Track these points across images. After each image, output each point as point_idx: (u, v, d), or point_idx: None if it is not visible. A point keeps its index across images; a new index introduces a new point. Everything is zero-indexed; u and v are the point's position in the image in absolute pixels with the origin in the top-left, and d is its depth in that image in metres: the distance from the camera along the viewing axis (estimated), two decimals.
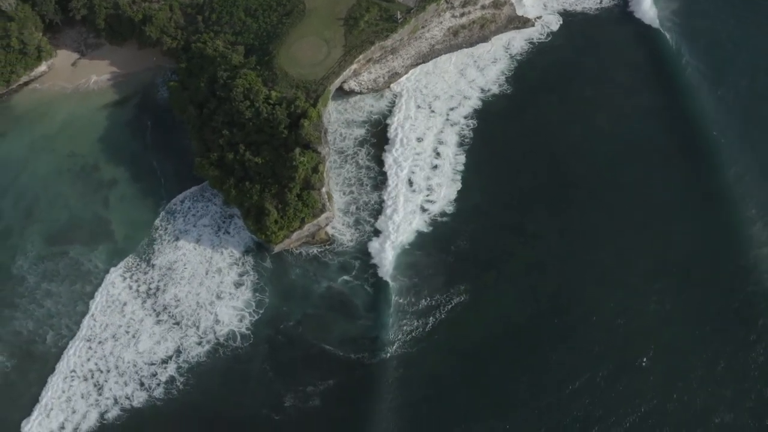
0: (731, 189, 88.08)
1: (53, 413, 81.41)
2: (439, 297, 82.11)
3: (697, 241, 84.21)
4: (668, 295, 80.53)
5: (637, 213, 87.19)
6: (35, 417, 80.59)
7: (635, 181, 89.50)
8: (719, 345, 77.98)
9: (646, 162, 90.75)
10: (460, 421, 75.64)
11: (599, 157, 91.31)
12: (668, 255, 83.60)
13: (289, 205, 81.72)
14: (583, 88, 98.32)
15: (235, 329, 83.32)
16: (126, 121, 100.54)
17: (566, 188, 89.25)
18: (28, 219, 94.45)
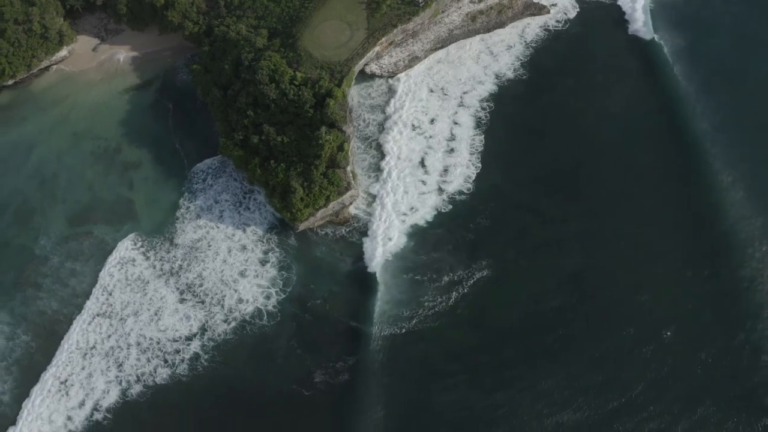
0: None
1: (73, 390, 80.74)
2: (461, 272, 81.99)
3: (716, 217, 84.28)
4: (686, 267, 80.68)
5: (653, 192, 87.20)
6: (52, 394, 79.64)
7: (649, 161, 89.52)
8: (738, 315, 77.94)
9: (660, 143, 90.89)
10: (483, 394, 75.39)
11: (614, 140, 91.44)
12: (685, 232, 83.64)
13: (315, 182, 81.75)
14: (596, 74, 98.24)
15: (262, 307, 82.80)
16: (147, 105, 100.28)
17: (582, 169, 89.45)
18: (50, 200, 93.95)
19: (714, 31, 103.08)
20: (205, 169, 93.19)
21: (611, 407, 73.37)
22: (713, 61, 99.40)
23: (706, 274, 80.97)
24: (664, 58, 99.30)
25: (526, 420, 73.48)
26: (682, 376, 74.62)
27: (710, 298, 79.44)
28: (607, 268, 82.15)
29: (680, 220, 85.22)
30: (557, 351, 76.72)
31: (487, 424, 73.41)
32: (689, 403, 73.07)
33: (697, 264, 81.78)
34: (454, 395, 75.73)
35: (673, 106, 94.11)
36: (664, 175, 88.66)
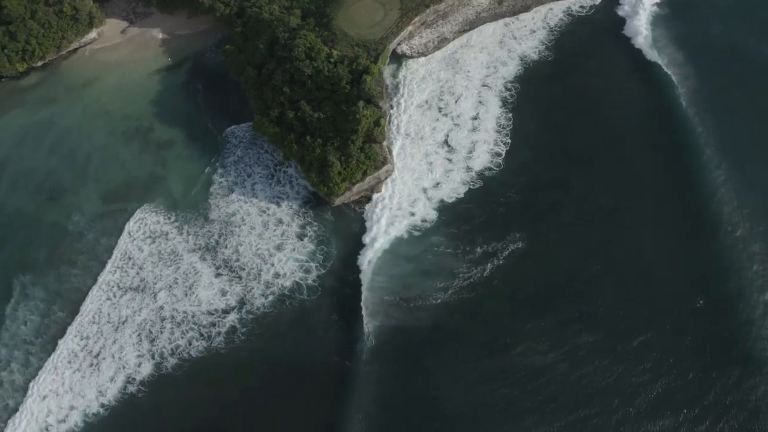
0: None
1: (104, 364, 79.84)
2: (495, 244, 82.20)
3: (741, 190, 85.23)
4: (719, 242, 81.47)
5: (678, 169, 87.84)
6: (84, 368, 79.05)
7: (675, 140, 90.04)
8: (763, 284, 78.77)
9: (686, 121, 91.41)
10: (517, 363, 75.46)
11: (639, 120, 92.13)
12: (712, 206, 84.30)
13: (352, 157, 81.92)
14: (620, 57, 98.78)
15: (301, 281, 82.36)
16: (178, 85, 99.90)
17: (609, 147, 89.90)
18: (83, 179, 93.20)
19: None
20: (239, 134, 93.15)
21: (648, 376, 73.60)
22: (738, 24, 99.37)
23: (732, 243, 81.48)
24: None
25: (564, 386, 73.59)
26: (716, 342, 75.41)
27: (739, 267, 79.92)
28: (637, 240, 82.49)
29: (710, 195, 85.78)
30: (594, 320, 76.91)
31: (527, 391, 73.41)
32: (725, 367, 73.63)
33: (725, 237, 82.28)
34: (492, 363, 75.64)
35: (696, 82, 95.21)
36: (690, 151, 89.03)
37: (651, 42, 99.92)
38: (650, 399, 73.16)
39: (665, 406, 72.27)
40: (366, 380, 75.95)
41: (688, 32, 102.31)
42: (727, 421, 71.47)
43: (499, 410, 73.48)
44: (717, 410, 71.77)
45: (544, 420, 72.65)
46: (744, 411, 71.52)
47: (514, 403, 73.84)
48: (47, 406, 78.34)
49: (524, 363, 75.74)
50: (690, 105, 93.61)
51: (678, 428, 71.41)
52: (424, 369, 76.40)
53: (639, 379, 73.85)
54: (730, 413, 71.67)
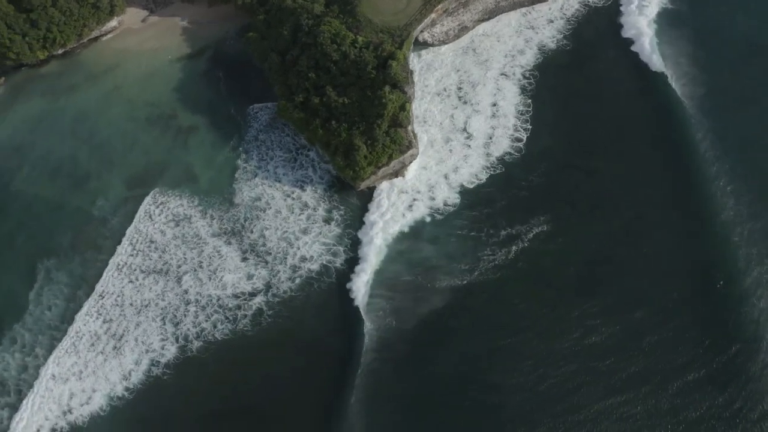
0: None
1: (128, 347, 79.72)
2: (519, 227, 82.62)
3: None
4: (740, 224, 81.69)
5: (698, 150, 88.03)
6: (107, 352, 78.89)
7: (695, 122, 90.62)
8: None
9: (706, 102, 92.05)
10: (540, 342, 75.74)
11: (657, 107, 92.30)
12: (734, 189, 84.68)
13: (378, 140, 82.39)
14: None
15: (329, 264, 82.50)
16: (199, 73, 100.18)
17: (629, 133, 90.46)
18: (106, 165, 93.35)
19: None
20: (260, 118, 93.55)
21: (680, 359, 73.79)
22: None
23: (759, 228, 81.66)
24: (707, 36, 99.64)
25: (590, 369, 73.79)
26: (739, 323, 75.75)
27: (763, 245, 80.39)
28: (656, 222, 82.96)
29: (732, 177, 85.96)
30: (619, 302, 77.18)
31: (553, 372, 73.52)
32: (751, 343, 74.24)
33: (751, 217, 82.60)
34: (516, 345, 75.86)
35: (713, 67, 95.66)
36: (708, 134, 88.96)
37: (669, 33, 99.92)
38: (683, 381, 72.86)
39: (698, 388, 72.15)
40: (388, 361, 75.98)
41: (706, 22, 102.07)
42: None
43: (523, 390, 73.66)
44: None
45: (567, 401, 72.52)
46: None
47: (540, 383, 73.84)
48: (70, 388, 78.11)
49: (549, 344, 75.73)
50: (707, 92, 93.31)
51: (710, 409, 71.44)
52: (453, 348, 76.35)
53: (668, 362, 73.82)
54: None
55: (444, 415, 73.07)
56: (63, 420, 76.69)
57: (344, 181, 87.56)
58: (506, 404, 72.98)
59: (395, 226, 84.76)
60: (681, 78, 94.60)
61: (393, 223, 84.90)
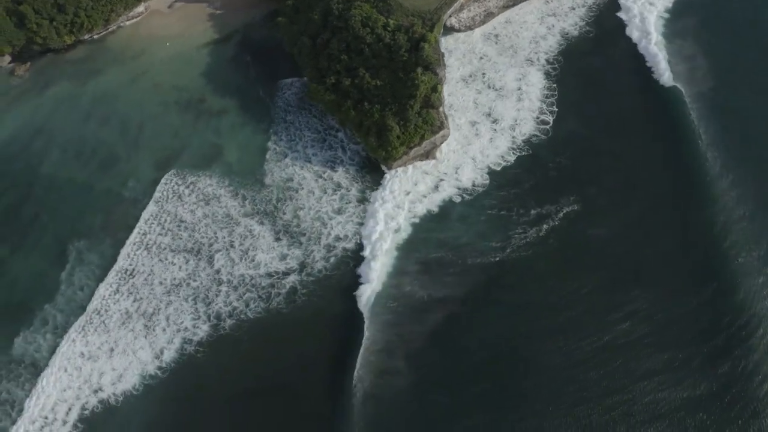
0: None
1: (159, 327, 79.43)
2: (549, 207, 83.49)
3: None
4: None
5: (721, 134, 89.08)
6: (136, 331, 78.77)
7: (718, 105, 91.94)
8: None
9: (728, 85, 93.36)
10: (571, 318, 76.16)
11: (681, 91, 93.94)
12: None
13: (410, 121, 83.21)
14: None
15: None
16: (227, 58, 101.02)
17: (653, 117, 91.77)
18: (135, 147, 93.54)
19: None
20: (288, 98, 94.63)
21: (707, 333, 74.55)
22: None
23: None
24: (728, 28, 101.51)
25: (622, 345, 74.15)
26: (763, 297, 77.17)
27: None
28: (680, 203, 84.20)
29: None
30: (649, 279, 78.12)
31: (589, 350, 73.72)
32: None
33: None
34: (547, 321, 76.35)
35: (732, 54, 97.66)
36: (732, 116, 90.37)
37: (690, 21, 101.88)
38: (713, 356, 73.17)
39: (744, 365, 71.95)
40: (420, 336, 76.05)
41: (728, 11, 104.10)
42: None
43: (558, 368, 73.91)
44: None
45: (603, 381, 72.50)
46: None
47: (570, 358, 74.14)
48: (100, 367, 77.54)
49: (581, 321, 76.18)
50: (727, 75, 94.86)
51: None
52: (481, 326, 76.64)
53: (705, 340, 74.30)
54: None
55: (477, 388, 72.80)
56: (94, 398, 76.03)
57: (375, 162, 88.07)
58: (540, 380, 72.95)
59: (422, 207, 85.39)
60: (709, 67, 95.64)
61: (420, 203, 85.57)
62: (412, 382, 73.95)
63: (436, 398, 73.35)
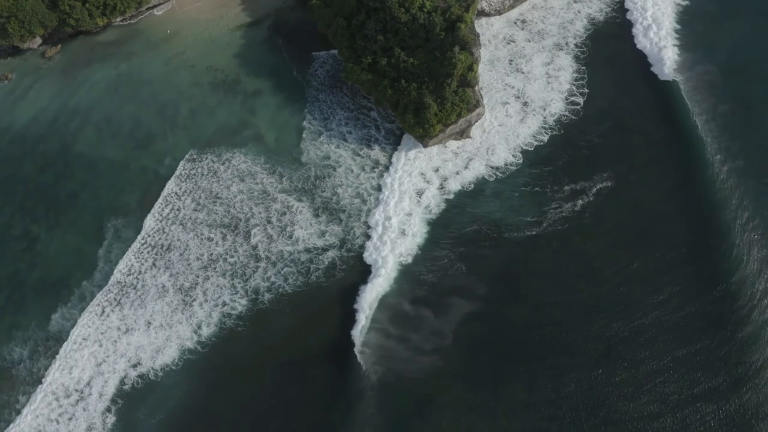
0: None
1: (197, 302, 79.79)
2: (583, 183, 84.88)
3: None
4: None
5: (745, 115, 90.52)
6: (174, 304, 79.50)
7: (741, 87, 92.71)
8: None
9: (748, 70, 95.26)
10: (609, 296, 77.12)
11: (707, 76, 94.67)
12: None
13: (447, 99, 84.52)
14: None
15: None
16: (260, 41, 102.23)
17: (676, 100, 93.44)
18: (171, 127, 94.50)
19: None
20: (321, 76, 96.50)
21: (743, 309, 75.11)
22: None
23: None
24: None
25: (662, 317, 75.09)
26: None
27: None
28: (710, 177, 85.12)
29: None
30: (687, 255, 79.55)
31: (626, 325, 74.67)
32: None
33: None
34: (583, 296, 77.26)
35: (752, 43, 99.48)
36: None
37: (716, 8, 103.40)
38: (750, 330, 73.73)
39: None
40: (457, 307, 76.81)
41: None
42: None
43: (592, 339, 74.90)
44: None
45: (641, 355, 73.37)
46: None
47: (606, 331, 75.20)
48: (137, 341, 77.95)
49: (617, 294, 77.18)
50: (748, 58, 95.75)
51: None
52: (519, 301, 77.63)
53: (733, 313, 75.33)
54: None
55: (517, 360, 73.87)
56: (133, 372, 76.64)
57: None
58: (578, 352, 73.82)
59: (454, 183, 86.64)
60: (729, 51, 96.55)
61: (452, 179, 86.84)
62: (450, 353, 74.34)
63: (477, 369, 73.84)
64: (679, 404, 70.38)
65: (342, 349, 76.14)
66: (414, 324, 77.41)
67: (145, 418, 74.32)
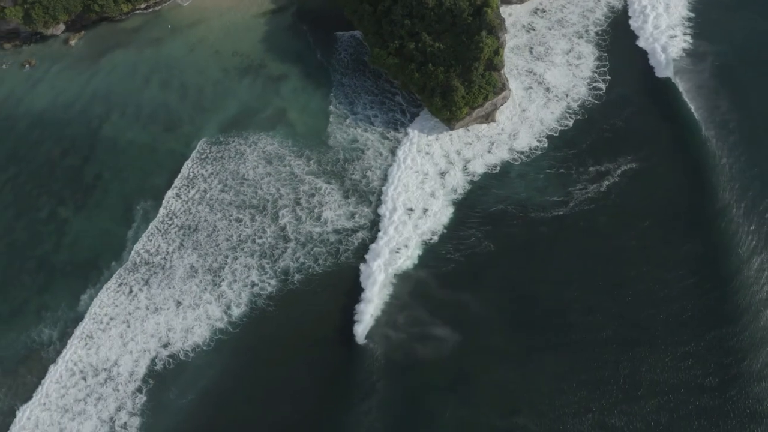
0: None
1: (225, 283, 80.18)
2: (607, 165, 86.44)
3: None
4: None
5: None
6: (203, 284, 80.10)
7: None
8: None
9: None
10: (634, 276, 78.30)
11: (727, 65, 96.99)
12: None
13: (474, 82, 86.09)
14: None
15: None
16: (284, 27, 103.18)
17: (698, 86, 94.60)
18: (198, 110, 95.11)
19: None
20: (345, 60, 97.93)
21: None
22: None
23: None
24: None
25: (692, 298, 76.38)
26: None
27: None
28: (733, 161, 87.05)
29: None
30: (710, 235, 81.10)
31: (655, 304, 76.04)
32: None
33: None
34: (610, 274, 78.56)
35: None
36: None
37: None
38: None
39: None
40: (484, 287, 78.04)
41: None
42: None
43: (622, 317, 76.00)
44: None
45: (670, 334, 74.40)
46: None
47: (628, 310, 76.51)
48: (167, 321, 78.14)
49: (642, 273, 78.52)
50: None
51: None
52: (544, 277, 78.72)
53: (759, 293, 76.78)
54: None
55: (541, 337, 74.88)
56: (164, 352, 76.86)
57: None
58: (602, 331, 75.08)
59: (478, 165, 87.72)
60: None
61: (476, 161, 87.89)
62: (476, 328, 75.38)
63: (507, 345, 74.88)
64: (705, 388, 70.87)
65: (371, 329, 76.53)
66: (443, 302, 77.89)
67: (176, 398, 74.53)
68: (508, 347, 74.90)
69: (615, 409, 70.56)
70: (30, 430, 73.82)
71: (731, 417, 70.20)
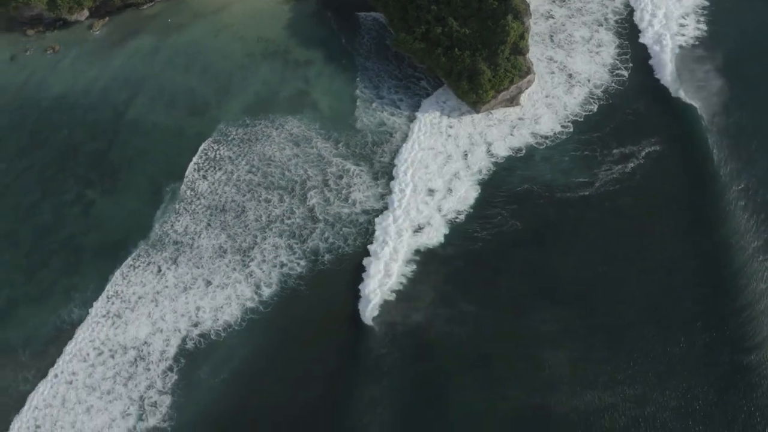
0: None
1: (254, 264, 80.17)
2: (631, 147, 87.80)
3: None
4: None
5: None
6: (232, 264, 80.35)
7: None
8: None
9: None
10: (654, 259, 79.37)
11: (743, 56, 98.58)
12: None
13: (500, 66, 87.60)
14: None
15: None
16: (308, 13, 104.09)
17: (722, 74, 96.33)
18: (224, 95, 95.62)
19: None
20: (367, 44, 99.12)
21: None
22: None
23: None
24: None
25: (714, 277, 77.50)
26: None
27: None
28: (749, 150, 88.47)
29: None
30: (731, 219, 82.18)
31: (667, 286, 76.91)
32: None
33: None
34: (633, 255, 79.71)
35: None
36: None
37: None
38: None
39: None
40: (508, 269, 79.00)
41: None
42: None
43: (638, 298, 76.66)
44: None
45: (693, 310, 75.40)
46: None
47: (652, 290, 77.08)
48: (196, 301, 78.04)
49: (663, 255, 79.68)
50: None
51: None
52: (570, 256, 79.46)
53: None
54: None
55: (564, 317, 75.48)
56: (195, 331, 76.98)
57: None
58: (625, 311, 75.93)
59: (502, 147, 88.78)
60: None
61: (501, 145, 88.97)
62: (499, 307, 76.23)
63: (533, 323, 75.59)
64: (728, 364, 71.74)
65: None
66: (469, 279, 78.84)
67: (207, 377, 74.53)
68: (529, 329, 75.20)
69: (635, 393, 70.58)
70: (57, 408, 74.31)
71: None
